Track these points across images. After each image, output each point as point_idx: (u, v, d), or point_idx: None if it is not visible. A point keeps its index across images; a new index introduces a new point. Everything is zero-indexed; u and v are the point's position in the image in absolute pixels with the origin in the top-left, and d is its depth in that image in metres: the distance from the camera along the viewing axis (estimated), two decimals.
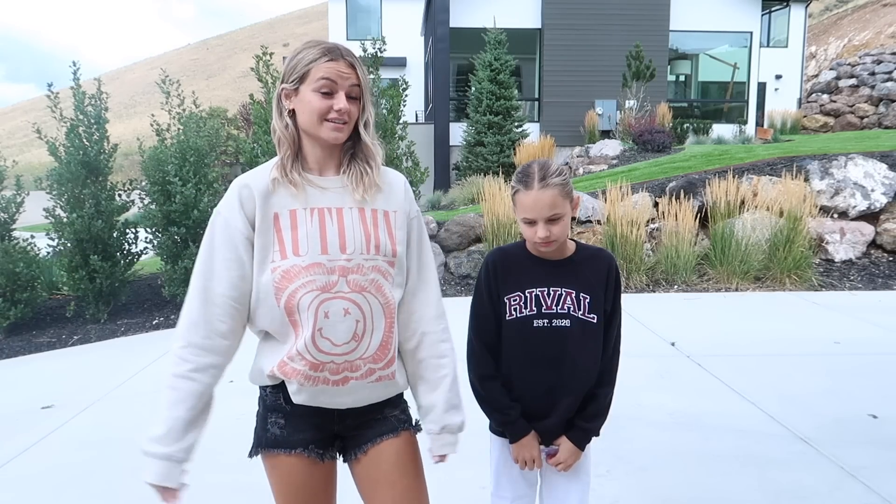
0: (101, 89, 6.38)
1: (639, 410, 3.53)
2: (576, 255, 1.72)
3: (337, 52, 1.43)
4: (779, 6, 20.16)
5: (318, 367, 1.41)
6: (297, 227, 1.42)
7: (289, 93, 1.45)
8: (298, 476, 1.46)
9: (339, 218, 1.45)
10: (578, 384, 1.69)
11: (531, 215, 1.60)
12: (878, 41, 28.67)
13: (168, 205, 6.33)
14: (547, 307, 1.66)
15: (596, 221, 7.41)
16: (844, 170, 7.83)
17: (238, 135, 16.01)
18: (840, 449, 3.01)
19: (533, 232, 1.61)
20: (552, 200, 1.58)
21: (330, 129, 1.43)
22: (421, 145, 10.44)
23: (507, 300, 1.68)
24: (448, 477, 1.78)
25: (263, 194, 1.43)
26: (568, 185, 1.63)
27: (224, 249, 1.43)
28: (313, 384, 1.42)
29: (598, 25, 15.75)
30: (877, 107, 19.51)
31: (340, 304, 1.41)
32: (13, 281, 6.09)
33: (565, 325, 1.66)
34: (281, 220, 1.43)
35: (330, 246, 1.42)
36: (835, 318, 5.50)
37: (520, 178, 1.63)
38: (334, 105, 1.41)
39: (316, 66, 1.41)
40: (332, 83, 1.41)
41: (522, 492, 1.76)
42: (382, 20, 20.85)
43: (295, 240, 1.42)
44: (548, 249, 1.65)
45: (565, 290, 1.66)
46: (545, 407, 1.69)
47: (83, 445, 3.42)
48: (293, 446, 1.46)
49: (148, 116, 7.69)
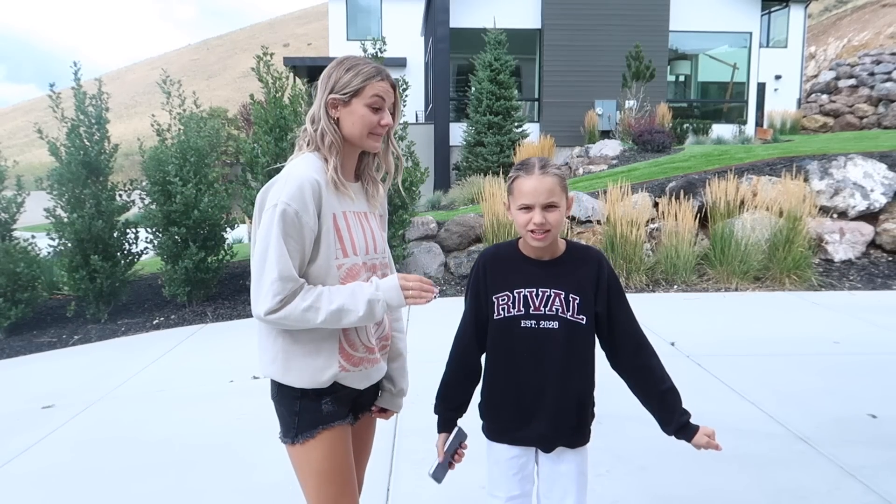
0: (102, 89, 6.38)
1: (639, 410, 3.53)
2: (566, 255, 1.72)
3: (386, 74, 1.63)
4: (778, 6, 20.15)
5: (372, 350, 1.67)
6: (350, 229, 1.63)
7: (337, 103, 1.61)
8: (347, 442, 1.68)
9: (367, 221, 1.71)
10: (566, 386, 1.69)
11: (529, 200, 1.61)
12: (877, 41, 28.68)
13: (168, 205, 6.34)
14: (535, 308, 1.67)
15: (596, 221, 7.42)
16: (844, 170, 7.84)
17: (238, 135, 16.02)
18: (839, 448, 3.02)
19: (529, 218, 1.61)
20: (551, 187, 1.61)
21: (374, 141, 1.65)
22: (421, 145, 10.44)
23: (496, 299, 1.69)
24: (448, 477, 1.79)
25: (324, 192, 1.57)
26: (565, 179, 1.67)
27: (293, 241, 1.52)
28: (372, 365, 1.68)
29: (598, 25, 15.75)
30: (876, 107, 19.53)
31: None
32: (14, 281, 6.10)
33: (553, 327, 1.66)
34: (338, 220, 1.60)
35: (369, 247, 1.68)
36: (834, 317, 5.51)
37: (520, 167, 1.67)
38: (381, 120, 1.62)
39: (371, 84, 1.60)
40: (381, 100, 1.61)
41: (516, 492, 1.76)
42: (382, 20, 20.84)
43: (352, 240, 1.62)
44: (540, 242, 1.64)
45: (554, 292, 1.67)
46: (533, 408, 1.69)
47: (83, 445, 3.42)
48: (344, 416, 1.66)
49: (148, 116, 7.70)
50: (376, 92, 1.60)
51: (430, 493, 2.54)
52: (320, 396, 1.61)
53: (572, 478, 1.73)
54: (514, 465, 1.74)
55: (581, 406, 1.73)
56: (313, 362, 1.59)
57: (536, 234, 1.62)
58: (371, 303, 1.54)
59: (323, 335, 1.59)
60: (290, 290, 1.49)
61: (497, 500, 1.77)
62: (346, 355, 1.61)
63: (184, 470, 3.05)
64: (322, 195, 1.55)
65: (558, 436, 1.71)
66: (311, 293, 1.52)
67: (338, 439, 1.64)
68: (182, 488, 2.88)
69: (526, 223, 1.62)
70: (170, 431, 3.52)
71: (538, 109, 16.66)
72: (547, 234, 1.62)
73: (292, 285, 1.50)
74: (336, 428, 1.63)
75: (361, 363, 1.64)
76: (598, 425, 3.51)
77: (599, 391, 1.83)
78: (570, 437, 1.73)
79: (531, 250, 1.71)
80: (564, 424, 1.70)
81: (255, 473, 2.93)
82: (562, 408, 1.69)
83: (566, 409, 1.70)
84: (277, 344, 1.59)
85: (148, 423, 3.67)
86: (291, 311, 1.49)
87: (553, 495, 1.75)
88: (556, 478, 1.74)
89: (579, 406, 1.72)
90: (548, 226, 1.61)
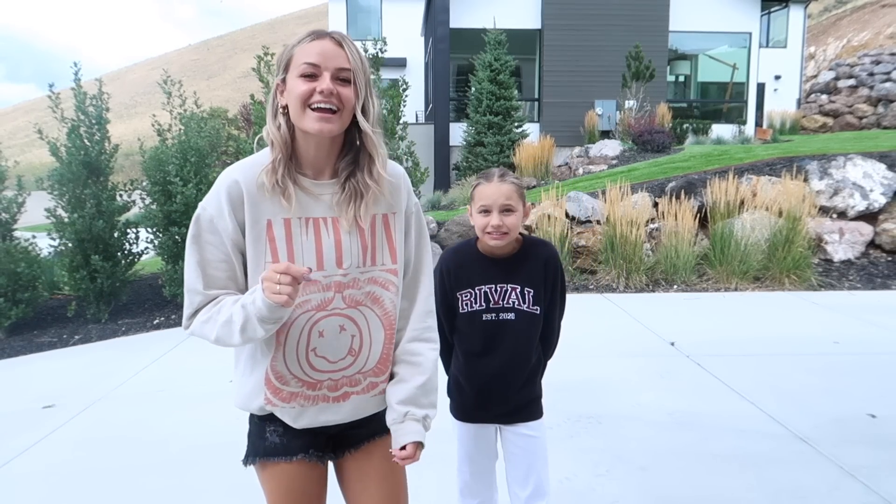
0: (102, 89, 6.38)
1: (638, 410, 3.54)
2: (521, 252, 1.89)
3: (322, 32, 1.29)
4: (778, 7, 20.15)
5: (315, 386, 1.36)
6: (291, 239, 1.30)
7: (280, 87, 1.33)
8: (298, 482, 1.41)
9: (335, 229, 1.34)
10: (522, 368, 1.90)
11: (488, 203, 1.78)
12: (876, 42, 28.68)
13: (169, 205, 6.34)
14: (494, 302, 1.86)
15: (596, 221, 7.43)
16: (843, 170, 7.85)
17: (238, 135, 16.00)
18: (839, 448, 3.02)
19: (487, 221, 1.78)
20: (508, 193, 1.78)
21: (314, 119, 1.25)
22: (421, 145, 10.45)
23: (460, 296, 1.88)
24: (448, 477, 1.79)
25: (254, 195, 1.29)
26: (523, 188, 1.86)
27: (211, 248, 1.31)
28: (313, 403, 1.37)
29: (598, 26, 15.76)
30: (875, 107, 19.53)
31: (336, 322, 1.35)
32: (14, 281, 6.10)
33: (510, 318, 1.86)
34: (274, 228, 1.30)
35: (326, 262, 1.32)
36: (834, 317, 5.51)
37: (481, 176, 1.86)
38: (317, 87, 1.25)
39: (299, 48, 1.27)
40: (314, 66, 1.25)
41: (481, 467, 1.94)
42: (382, 21, 20.86)
43: (290, 253, 1.30)
44: (498, 243, 1.80)
45: (511, 286, 1.86)
46: (494, 389, 1.89)
47: (84, 445, 3.42)
48: (293, 453, 1.40)
49: (149, 116, 7.69)
50: (307, 57, 1.25)
51: (430, 492, 2.54)
52: (264, 422, 1.41)
53: (533, 451, 1.91)
54: (478, 442, 1.93)
55: (532, 384, 1.94)
56: (246, 385, 1.40)
57: (494, 235, 1.78)
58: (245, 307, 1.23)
59: (256, 359, 1.37)
60: (198, 303, 1.32)
61: (463, 475, 1.96)
62: (273, 388, 1.36)
63: (184, 470, 3.05)
64: (246, 198, 1.29)
65: (517, 411, 1.91)
66: (216, 304, 1.31)
67: (282, 478, 1.40)
68: (182, 488, 2.88)
69: (484, 226, 1.79)
70: (170, 431, 3.52)
71: (538, 109, 16.66)
72: (504, 235, 1.78)
73: (200, 298, 1.31)
74: (280, 465, 1.39)
75: (293, 399, 1.36)
76: (598, 425, 3.51)
77: (600, 391, 1.84)
78: (526, 412, 1.92)
79: (488, 249, 1.87)
80: (522, 400, 1.91)
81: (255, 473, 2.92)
82: (518, 387, 1.89)
83: (521, 387, 1.90)
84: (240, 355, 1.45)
85: (148, 423, 3.67)
86: (195, 325, 1.32)
87: (518, 470, 1.92)
88: (518, 452, 1.92)
89: (531, 384, 1.93)
90: (504, 228, 1.77)
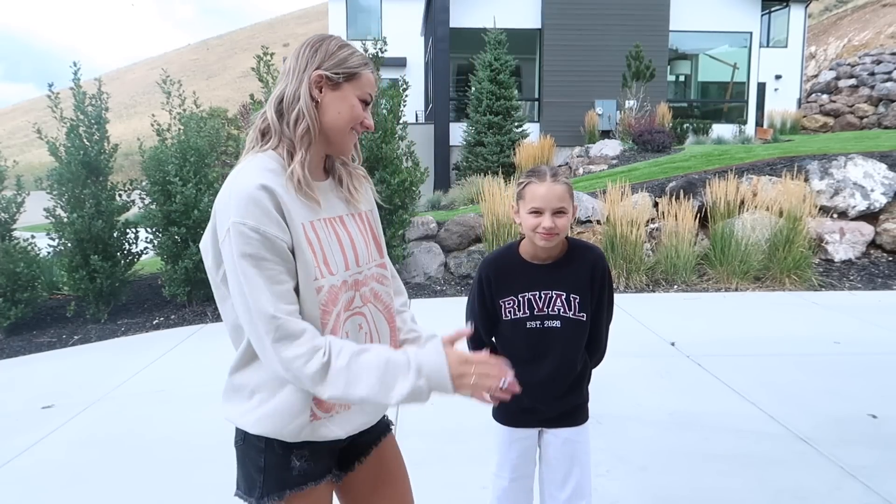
0: (102, 89, 6.38)
1: (639, 410, 3.54)
2: (566, 256, 1.82)
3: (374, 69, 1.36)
4: (778, 6, 20.15)
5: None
6: (321, 241, 1.27)
7: (324, 82, 1.27)
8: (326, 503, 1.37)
9: (345, 228, 1.35)
10: (567, 375, 1.84)
11: (541, 204, 1.69)
12: (877, 41, 28.67)
13: (168, 205, 6.33)
14: (539, 309, 1.79)
15: (596, 221, 7.42)
16: (844, 170, 7.84)
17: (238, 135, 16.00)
18: (840, 449, 3.01)
19: (538, 222, 1.70)
20: (561, 194, 1.70)
21: (352, 139, 1.34)
22: (421, 145, 10.43)
23: (503, 303, 1.81)
24: (448, 477, 1.79)
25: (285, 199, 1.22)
26: (572, 187, 1.79)
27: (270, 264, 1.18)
28: (345, 407, 1.32)
29: (598, 25, 15.75)
30: (876, 107, 19.52)
31: (356, 321, 1.33)
32: (14, 281, 6.10)
33: (556, 326, 1.79)
34: (308, 231, 1.24)
35: (349, 261, 1.32)
36: (834, 317, 5.50)
37: (531, 173, 1.76)
38: (366, 119, 1.33)
39: (366, 72, 1.31)
40: (370, 97, 1.33)
41: (521, 473, 1.87)
42: (382, 20, 20.86)
43: (324, 255, 1.26)
44: (547, 243, 1.73)
45: (556, 293, 1.78)
46: (538, 397, 1.81)
47: (83, 445, 3.42)
48: (322, 475, 1.34)
49: (148, 116, 7.69)
50: (371, 84, 1.32)
51: (431, 493, 2.53)
52: (290, 449, 1.28)
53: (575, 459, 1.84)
54: (519, 447, 1.86)
55: (579, 389, 1.87)
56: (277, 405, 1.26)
57: (544, 236, 1.71)
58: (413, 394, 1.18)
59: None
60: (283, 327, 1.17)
61: (502, 480, 1.89)
62: (317, 400, 1.26)
63: (184, 470, 3.05)
64: (283, 203, 1.20)
65: (562, 417, 1.84)
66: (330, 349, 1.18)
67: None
68: (182, 488, 2.88)
69: (535, 226, 1.71)
70: (170, 431, 3.52)
71: (538, 109, 16.66)
72: (555, 236, 1.72)
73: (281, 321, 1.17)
74: (310, 492, 1.30)
75: (332, 407, 1.30)
76: (598, 425, 3.50)
77: (599, 392, 1.84)
78: (571, 417, 1.86)
79: (531, 254, 1.80)
80: (567, 406, 1.84)
81: None
82: (563, 393, 1.82)
83: (566, 393, 1.83)
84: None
85: (148, 423, 3.67)
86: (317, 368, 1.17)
87: (556, 473, 1.85)
88: (559, 460, 1.84)
89: (577, 389, 1.87)
90: (556, 230, 1.70)
